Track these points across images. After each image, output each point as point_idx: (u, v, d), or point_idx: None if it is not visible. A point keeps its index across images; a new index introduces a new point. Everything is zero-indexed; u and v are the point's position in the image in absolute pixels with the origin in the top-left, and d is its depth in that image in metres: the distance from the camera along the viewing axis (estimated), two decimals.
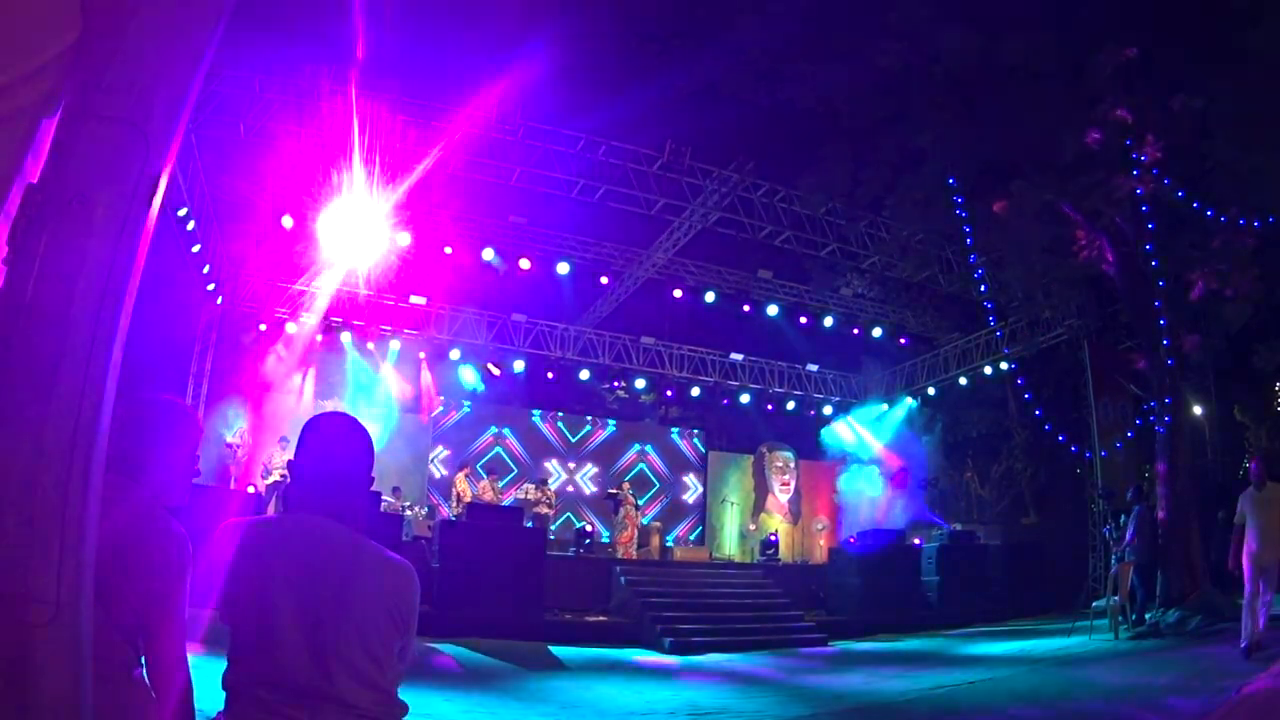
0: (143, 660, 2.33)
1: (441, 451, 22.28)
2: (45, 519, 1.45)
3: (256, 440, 18.91)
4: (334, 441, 2.46)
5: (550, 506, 20.00)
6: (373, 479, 2.54)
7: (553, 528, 19.83)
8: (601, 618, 15.71)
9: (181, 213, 15.05)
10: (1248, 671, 8.86)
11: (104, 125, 1.56)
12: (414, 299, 20.54)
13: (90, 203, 1.52)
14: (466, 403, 22.79)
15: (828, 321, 23.23)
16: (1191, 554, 15.19)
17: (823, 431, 25.66)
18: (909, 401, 24.63)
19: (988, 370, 21.83)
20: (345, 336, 20.51)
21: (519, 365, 22.15)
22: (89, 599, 1.55)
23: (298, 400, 19.97)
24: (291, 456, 2.48)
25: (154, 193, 1.61)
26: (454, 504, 19.01)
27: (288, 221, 17.34)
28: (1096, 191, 15.62)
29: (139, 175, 1.58)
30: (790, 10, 14.97)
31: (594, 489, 23.73)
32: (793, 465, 26.13)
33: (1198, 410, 16.89)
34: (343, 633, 2.18)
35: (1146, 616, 13.82)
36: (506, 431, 23.45)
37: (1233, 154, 14.66)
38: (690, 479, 25.45)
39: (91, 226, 1.52)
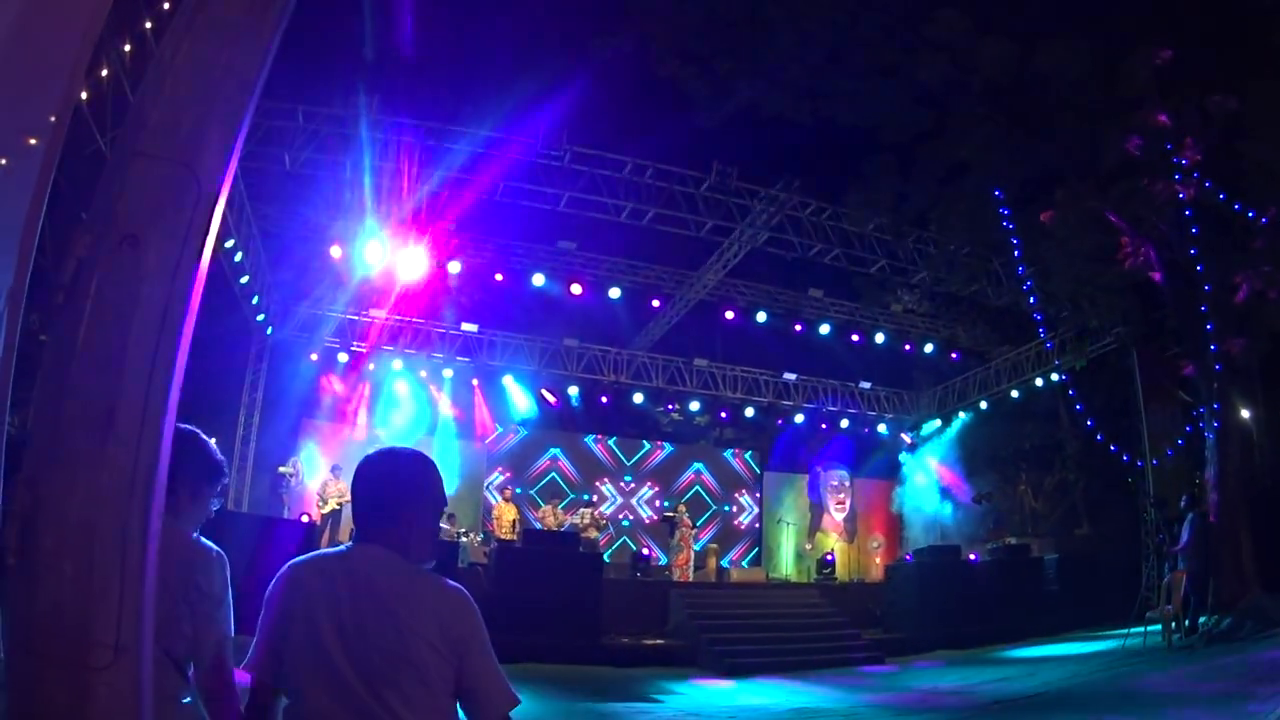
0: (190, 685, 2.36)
1: (496, 478, 22.30)
2: (105, 565, 1.44)
3: (309, 469, 19.08)
4: (392, 472, 2.46)
5: (599, 529, 19.88)
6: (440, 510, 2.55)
7: (608, 553, 19.73)
8: (659, 641, 15.60)
9: (229, 244, 15.22)
10: None
11: (154, 165, 1.55)
12: (465, 326, 20.67)
13: (142, 244, 1.51)
14: (521, 429, 22.79)
15: (879, 338, 23.16)
16: (1242, 559, 14.95)
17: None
18: (962, 416, 24.34)
19: (1039, 382, 21.54)
20: (397, 364, 20.66)
21: (573, 390, 22.17)
22: (149, 642, 1.54)
23: (350, 429, 20.13)
24: (348, 485, 2.50)
25: (207, 232, 1.60)
26: (496, 528, 18.98)
27: (336, 251, 17.53)
28: (1138, 197, 15.52)
29: (191, 215, 1.56)
30: (831, 28, 14.98)
31: (650, 512, 23.67)
32: (848, 484, 25.87)
33: (1246, 414, 16.54)
34: (397, 660, 2.16)
35: (1200, 623, 13.55)
36: (561, 456, 23.45)
37: (1269, 153, 14.44)
38: (745, 500, 25.29)
39: (144, 268, 1.51)
